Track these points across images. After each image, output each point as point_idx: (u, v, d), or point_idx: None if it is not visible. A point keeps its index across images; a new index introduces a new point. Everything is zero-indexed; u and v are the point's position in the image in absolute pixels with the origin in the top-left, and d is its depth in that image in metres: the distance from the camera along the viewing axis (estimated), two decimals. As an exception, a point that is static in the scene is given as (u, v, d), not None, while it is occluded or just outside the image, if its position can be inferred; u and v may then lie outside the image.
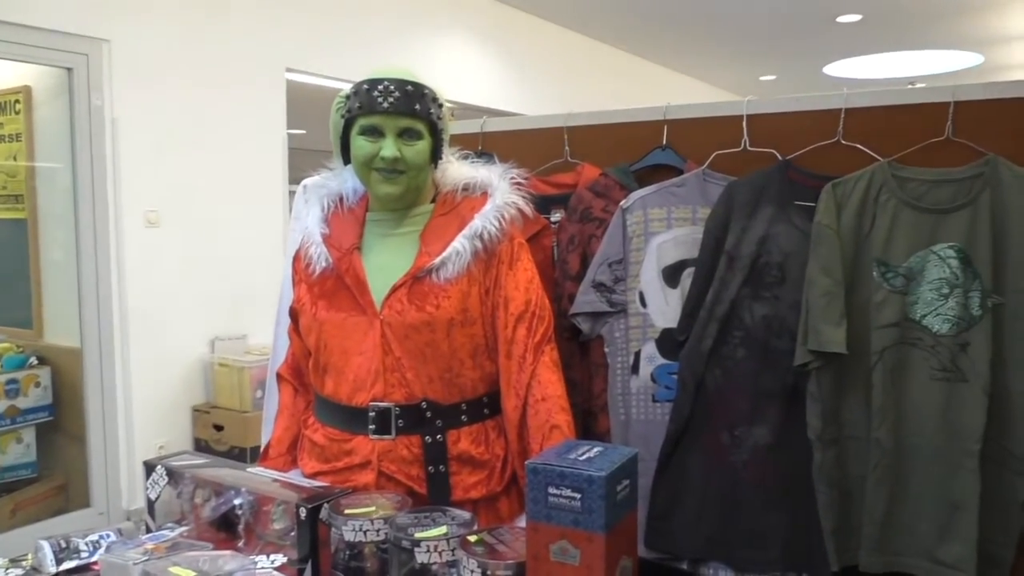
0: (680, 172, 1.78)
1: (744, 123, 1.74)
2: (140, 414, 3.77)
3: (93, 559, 1.28)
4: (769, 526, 1.57)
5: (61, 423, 3.74)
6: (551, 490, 1.01)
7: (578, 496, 1.00)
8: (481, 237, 1.50)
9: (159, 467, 1.49)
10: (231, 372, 3.90)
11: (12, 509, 3.51)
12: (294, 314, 1.65)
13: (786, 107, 1.75)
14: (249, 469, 1.53)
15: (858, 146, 1.63)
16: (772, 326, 1.59)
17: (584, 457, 1.05)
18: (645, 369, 1.70)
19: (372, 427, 1.48)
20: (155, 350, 3.82)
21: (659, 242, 1.72)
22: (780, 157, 1.68)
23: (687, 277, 1.68)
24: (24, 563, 1.32)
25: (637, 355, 1.71)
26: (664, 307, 1.69)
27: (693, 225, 1.71)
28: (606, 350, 1.75)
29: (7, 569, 1.29)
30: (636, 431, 1.69)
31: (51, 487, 3.72)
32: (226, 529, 1.41)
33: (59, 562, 1.27)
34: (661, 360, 1.69)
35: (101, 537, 1.32)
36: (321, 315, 1.53)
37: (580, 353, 1.80)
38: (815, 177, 1.62)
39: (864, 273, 1.54)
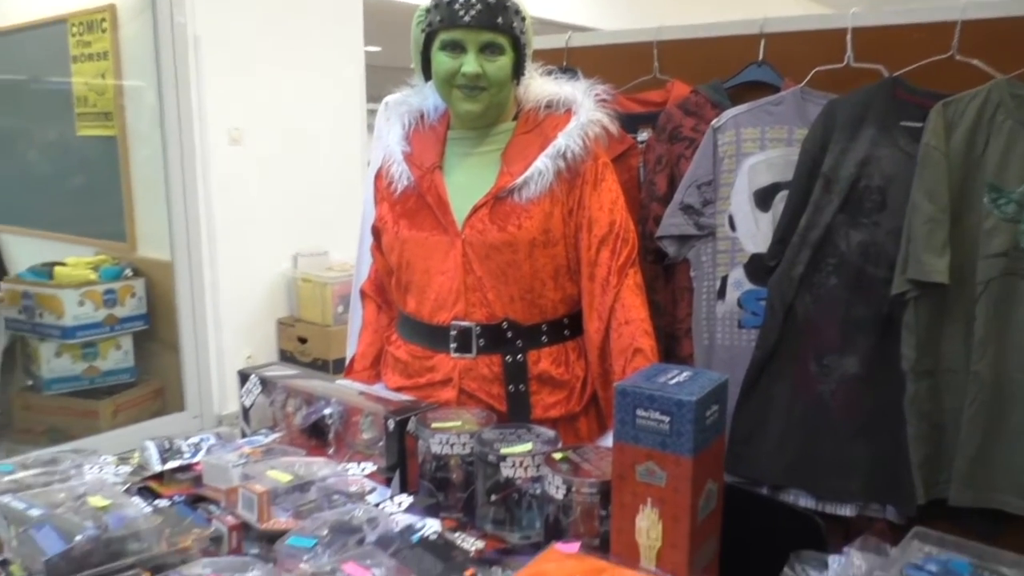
0: (777, 90, 1.70)
1: (848, 37, 1.64)
2: (229, 325, 3.93)
3: (195, 460, 1.34)
4: (853, 457, 1.54)
5: (156, 332, 3.92)
6: (639, 412, 1.01)
7: (667, 419, 0.99)
8: (564, 156, 1.46)
9: (253, 376, 1.55)
10: (314, 287, 4.00)
11: (114, 410, 3.74)
12: (376, 232, 1.66)
13: (894, 19, 1.64)
14: (337, 381, 1.58)
15: (974, 62, 1.51)
16: (869, 253, 1.52)
17: (674, 381, 1.03)
18: (732, 294, 1.67)
19: (453, 345, 1.50)
20: (241, 264, 3.94)
21: (751, 163, 1.65)
22: (887, 73, 1.58)
23: (780, 201, 1.62)
24: (131, 461, 1.40)
25: (724, 280, 1.67)
26: (754, 231, 1.64)
27: (788, 146, 1.63)
28: (692, 274, 1.71)
29: (117, 466, 1.38)
30: (720, 356, 1.67)
31: (149, 391, 3.94)
32: (317, 437, 1.46)
33: (164, 461, 1.34)
34: (749, 286, 1.65)
35: (202, 440, 1.39)
36: (403, 234, 1.54)
37: (665, 276, 1.77)
38: (925, 95, 1.52)
39: (974, 199, 1.45)
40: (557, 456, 1.17)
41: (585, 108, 1.50)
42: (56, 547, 1.01)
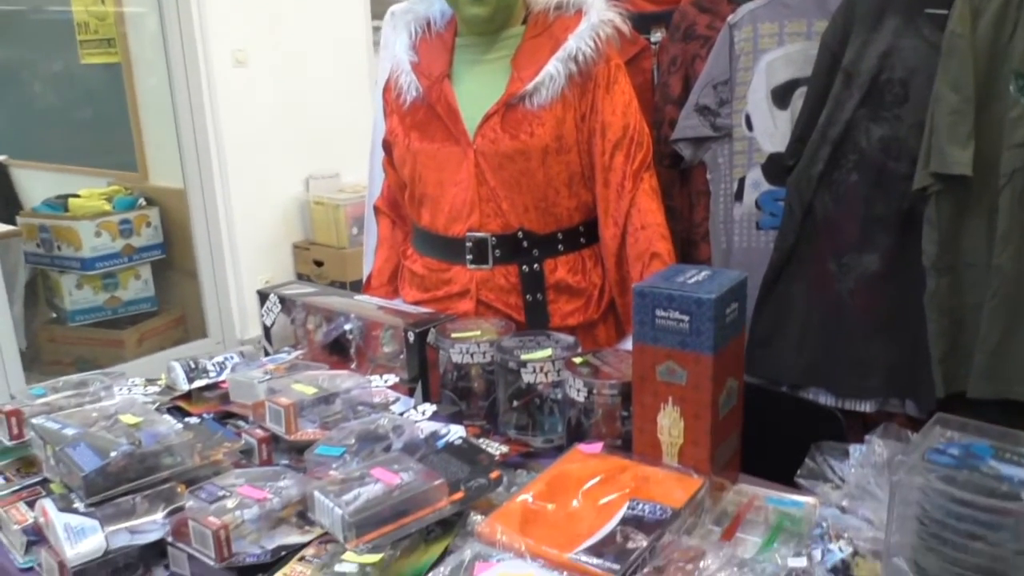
0: (795, -19, 1.63)
1: (871, -81, 1.55)
2: (244, 251, 3.94)
3: (221, 378, 1.37)
4: (873, 354, 1.54)
5: (173, 260, 3.96)
6: (658, 313, 1.01)
7: (686, 319, 0.99)
8: (576, 59, 1.43)
9: (272, 295, 1.56)
10: (327, 210, 3.99)
11: (138, 339, 3.81)
12: (387, 146, 1.65)
13: (921, -102, 1.55)
14: (356, 297, 1.59)
15: (1004, -59, 1.44)
16: (890, 149, 1.48)
17: (692, 281, 1.03)
18: (749, 196, 1.64)
19: (469, 257, 1.50)
20: (253, 190, 3.93)
21: (769, 60, 1.60)
22: (911, -42, 1.51)
23: (799, 98, 1.58)
24: (159, 382, 1.43)
25: (741, 181, 1.65)
26: (772, 130, 1.60)
27: (807, 40, 1.58)
28: (708, 177, 1.69)
29: (145, 387, 1.40)
30: (738, 259, 1.66)
31: (170, 319, 4.00)
32: (338, 353, 1.48)
33: (190, 381, 1.37)
34: (767, 186, 1.63)
35: (226, 359, 1.41)
36: (414, 146, 1.52)
37: (680, 181, 1.75)
38: (951, -20, 1.45)
39: (999, 88, 1.40)
40: (577, 360, 1.18)
41: (596, 8, 1.46)
42: (93, 463, 1.04)
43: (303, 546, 0.96)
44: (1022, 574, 0.75)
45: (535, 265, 1.49)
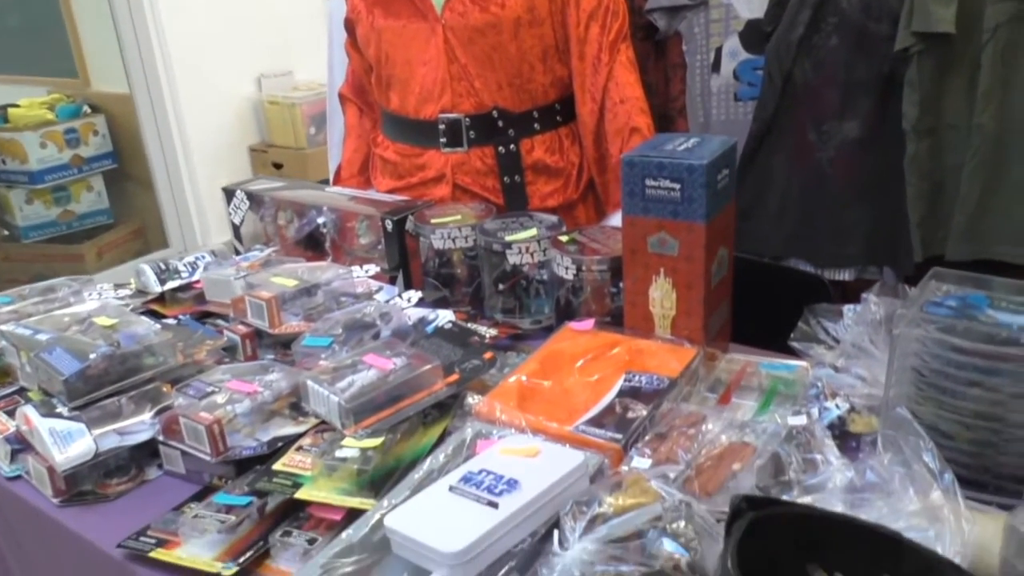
0: None
1: None
2: (199, 156, 3.79)
3: (194, 278, 1.32)
4: (851, 222, 1.54)
5: (126, 170, 3.81)
6: (648, 182, 0.98)
7: (677, 187, 0.96)
8: None
9: (239, 192, 1.50)
10: (282, 109, 3.83)
11: (97, 253, 3.70)
12: (350, 26, 1.56)
13: None
14: (327, 189, 1.54)
15: None
16: (871, 8, 1.44)
17: (682, 148, 1.00)
18: (727, 66, 1.59)
19: (443, 140, 1.45)
20: (203, 91, 3.74)
21: (746, -82, 1.52)
22: None
23: (777, -42, 1.51)
24: (129, 287, 1.38)
25: (718, 51, 1.59)
26: (750, -6, 1.54)
27: None
28: (684, 48, 1.63)
29: (116, 291, 1.36)
30: (716, 132, 1.63)
31: (128, 231, 3.88)
32: (312, 248, 1.44)
33: (162, 283, 1.32)
34: (745, 55, 1.58)
35: (197, 258, 1.36)
36: (378, 23, 1.44)
37: (655, 54, 1.68)
38: None
39: (985, -64, 1.35)
40: (564, 238, 1.16)
41: None
42: (72, 367, 1.00)
43: (299, 436, 0.95)
44: (1017, 416, 0.76)
45: (511, 146, 1.45)
